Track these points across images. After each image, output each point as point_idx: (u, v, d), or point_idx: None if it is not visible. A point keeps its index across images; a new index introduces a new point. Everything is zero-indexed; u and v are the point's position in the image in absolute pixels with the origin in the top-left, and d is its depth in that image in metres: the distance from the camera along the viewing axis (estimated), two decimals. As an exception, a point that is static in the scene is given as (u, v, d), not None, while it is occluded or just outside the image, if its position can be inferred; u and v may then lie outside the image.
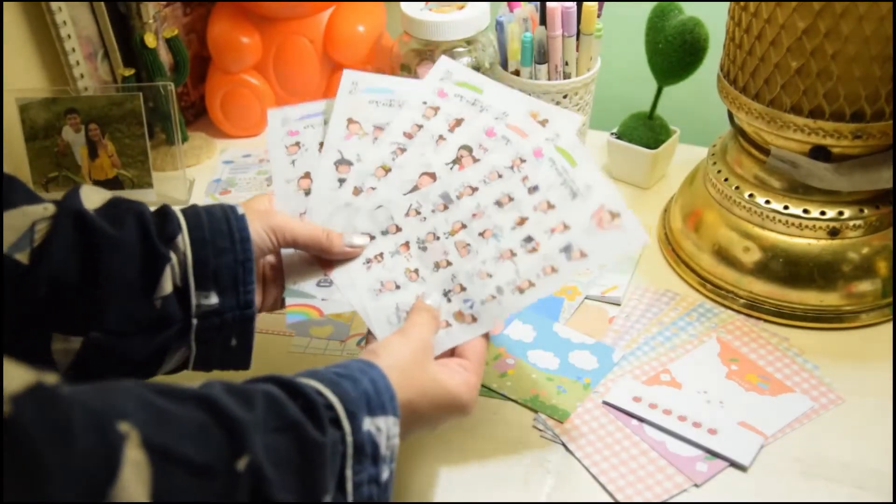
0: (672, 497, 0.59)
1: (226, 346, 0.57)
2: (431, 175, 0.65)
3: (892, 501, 0.59)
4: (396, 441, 0.49)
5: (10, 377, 0.31)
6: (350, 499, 0.46)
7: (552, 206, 0.61)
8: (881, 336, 0.72)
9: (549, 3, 0.81)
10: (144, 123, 0.90)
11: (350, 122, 0.67)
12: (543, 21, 0.83)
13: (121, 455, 0.34)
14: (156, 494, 0.35)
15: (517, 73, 0.87)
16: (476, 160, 0.64)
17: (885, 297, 0.73)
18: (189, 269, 0.54)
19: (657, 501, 0.59)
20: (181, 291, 0.54)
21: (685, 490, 0.60)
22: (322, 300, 0.61)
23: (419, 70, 0.92)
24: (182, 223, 0.55)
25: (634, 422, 0.65)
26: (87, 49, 0.95)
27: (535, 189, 0.62)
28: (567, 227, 0.60)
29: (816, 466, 0.61)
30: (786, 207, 0.73)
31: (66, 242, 0.51)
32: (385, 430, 0.48)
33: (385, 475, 0.48)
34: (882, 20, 0.62)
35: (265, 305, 0.63)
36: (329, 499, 0.44)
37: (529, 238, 0.60)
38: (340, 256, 0.62)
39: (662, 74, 0.86)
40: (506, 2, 0.87)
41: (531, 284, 0.59)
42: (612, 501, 0.59)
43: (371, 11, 1.03)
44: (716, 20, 0.81)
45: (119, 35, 0.96)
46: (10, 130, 0.89)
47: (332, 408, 0.46)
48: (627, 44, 0.95)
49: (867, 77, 0.65)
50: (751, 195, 0.75)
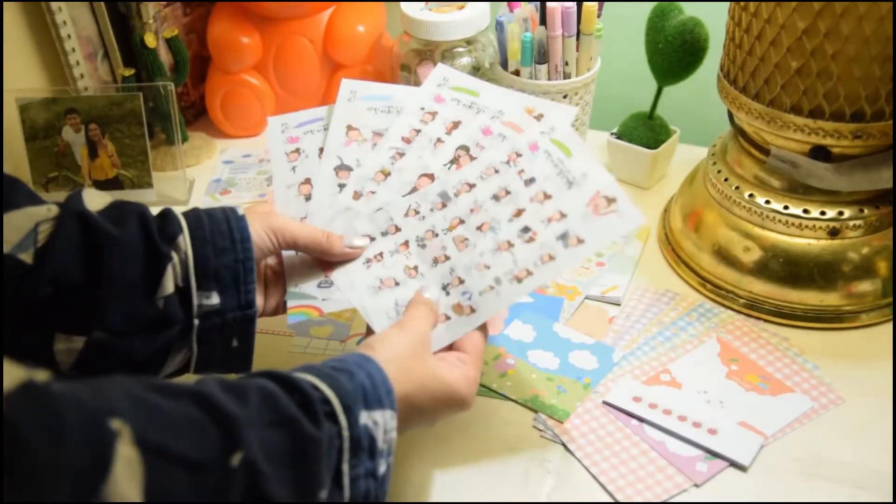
0: (672, 497, 0.59)
1: (227, 347, 0.57)
2: (430, 176, 0.65)
3: (893, 501, 0.58)
4: (394, 435, 0.49)
5: (3, 375, 0.31)
6: (347, 493, 0.46)
7: (548, 197, 0.61)
8: (881, 336, 0.72)
9: (549, 3, 0.81)
10: (144, 123, 0.90)
11: (349, 129, 0.68)
12: (543, 21, 0.83)
13: (113, 452, 0.34)
14: (149, 492, 0.35)
15: (517, 73, 0.87)
16: (473, 158, 0.65)
17: (885, 297, 0.73)
18: (190, 269, 0.54)
19: (657, 501, 0.59)
20: (183, 291, 0.54)
21: (685, 490, 0.60)
22: (322, 300, 0.62)
23: (419, 70, 0.92)
24: (183, 224, 0.55)
25: (634, 422, 0.65)
26: (87, 49, 0.95)
27: (532, 181, 0.62)
28: (564, 216, 0.60)
29: (816, 466, 0.61)
30: (786, 207, 0.73)
31: (70, 242, 0.51)
32: (382, 424, 0.48)
33: (382, 469, 0.48)
34: (882, 20, 0.62)
35: (267, 309, 0.63)
36: (325, 494, 0.44)
37: (526, 228, 0.60)
38: (341, 258, 0.62)
39: (662, 74, 0.86)
40: (506, 2, 0.87)
41: (529, 273, 0.58)
42: (612, 501, 0.59)
43: (371, 11, 1.03)
44: (716, 20, 0.81)
45: (119, 35, 0.96)
46: (10, 130, 0.89)
47: (328, 402, 0.45)
48: (627, 44, 0.95)
49: (867, 77, 0.65)
50: (751, 195, 0.74)
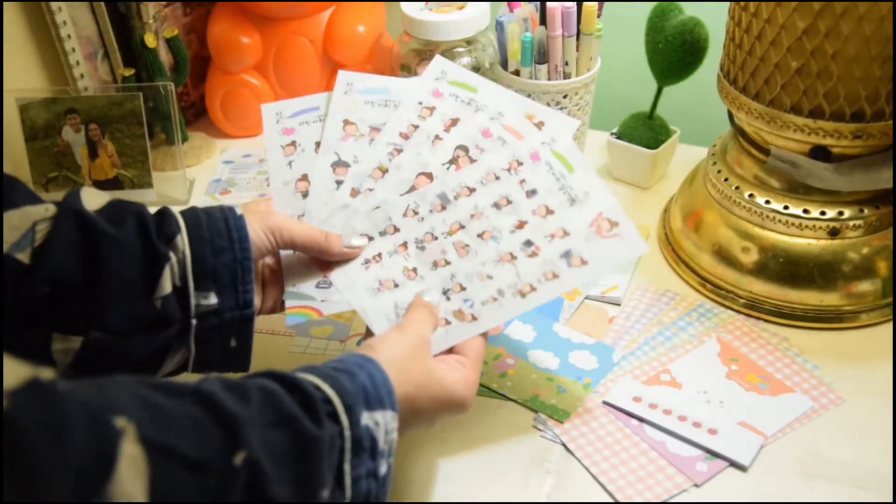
0: (672, 497, 0.59)
1: (225, 347, 0.57)
2: (428, 175, 0.65)
3: (893, 501, 0.58)
4: (395, 436, 0.49)
5: (7, 373, 0.31)
6: (348, 493, 0.46)
7: (551, 212, 0.62)
8: (881, 336, 0.72)
9: (549, 3, 0.81)
10: (144, 123, 0.90)
11: (346, 124, 0.67)
12: (543, 21, 0.83)
13: (117, 450, 0.34)
14: (153, 490, 0.35)
15: (517, 73, 0.87)
16: (473, 160, 0.65)
17: (885, 297, 0.73)
18: (188, 269, 0.54)
19: (657, 501, 0.59)
20: (180, 291, 0.54)
21: (685, 490, 0.60)
22: (321, 301, 0.61)
23: (419, 70, 0.92)
24: (181, 223, 0.55)
25: (634, 422, 0.65)
26: (87, 49, 0.95)
27: (534, 193, 0.63)
28: (567, 234, 0.61)
29: (816, 466, 0.61)
30: (786, 207, 0.73)
31: (67, 242, 0.51)
32: (383, 425, 0.48)
33: (383, 469, 0.48)
34: (882, 20, 0.62)
35: (264, 308, 0.63)
36: (327, 493, 0.44)
37: (529, 242, 0.61)
38: (339, 257, 0.62)
39: (662, 74, 0.86)
40: (506, 2, 0.87)
41: (533, 289, 0.59)
42: (612, 501, 0.59)
43: (371, 11, 1.03)
44: (716, 20, 0.81)
45: (119, 35, 0.96)
46: (10, 130, 0.89)
47: (330, 402, 0.45)
48: (627, 44, 0.95)
49: (867, 77, 0.65)
50: (751, 195, 0.74)
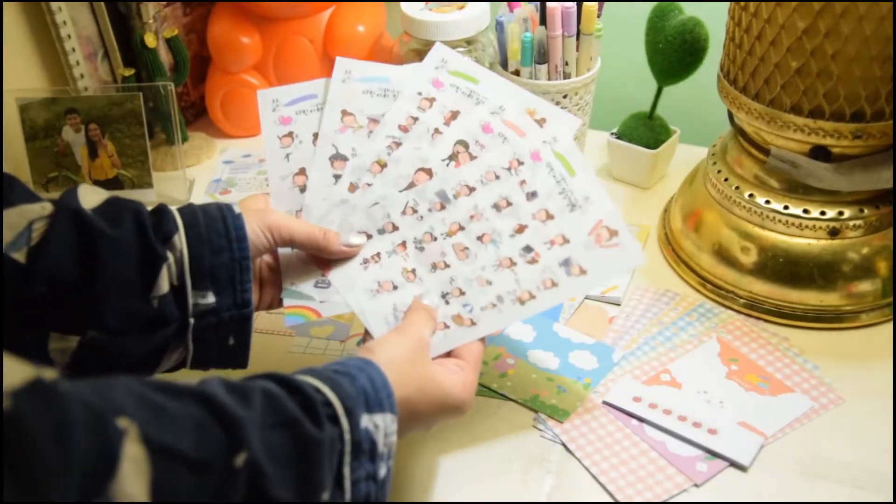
0: (672, 497, 0.59)
1: (223, 346, 0.57)
2: (427, 171, 0.64)
3: (893, 501, 0.58)
4: (394, 438, 0.49)
5: (9, 373, 0.31)
6: (348, 496, 0.46)
7: (551, 216, 0.62)
8: (881, 336, 0.72)
9: (549, 3, 0.81)
10: (144, 123, 0.90)
11: (344, 114, 0.66)
12: (543, 21, 0.83)
13: (120, 451, 0.34)
14: (154, 490, 0.35)
15: (517, 73, 0.87)
16: (473, 157, 0.64)
17: (885, 297, 0.73)
18: (186, 268, 0.54)
19: (657, 501, 0.59)
20: (178, 291, 0.54)
21: (685, 490, 0.60)
22: (320, 302, 0.61)
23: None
24: (179, 222, 0.55)
25: (634, 422, 0.65)
26: (87, 49, 0.95)
27: (534, 195, 0.62)
28: (566, 241, 0.61)
29: (816, 466, 0.61)
30: (786, 207, 0.73)
31: (64, 241, 0.51)
32: (383, 428, 0.48)
33: (382, 472, 0.48)
34: (882, 20, 0.62)
35: (262, 305, 0.63)
36: (327, 495, 0.44)
37: (529, 248, 0.61)
38: (338, 256, 0.62)
39: (662, 74, 0.86)
40: (506, 2, 0.87)
41: (532, 296, 0.59)
42: (612, 501, 0.59)
43: (371, 11, 1.03)
44: (716, 20, 0.81)
45: (119, 35, 0.96)
46: (10, 130, 0.89)
47: (330, 404, 0.45)
48: (627, 44, 0.95)
49: (867, 77, 0.65)
50: (751, 195, 0.74)
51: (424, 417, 0.53)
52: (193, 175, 0.98)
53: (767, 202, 0.73)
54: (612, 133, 0.92)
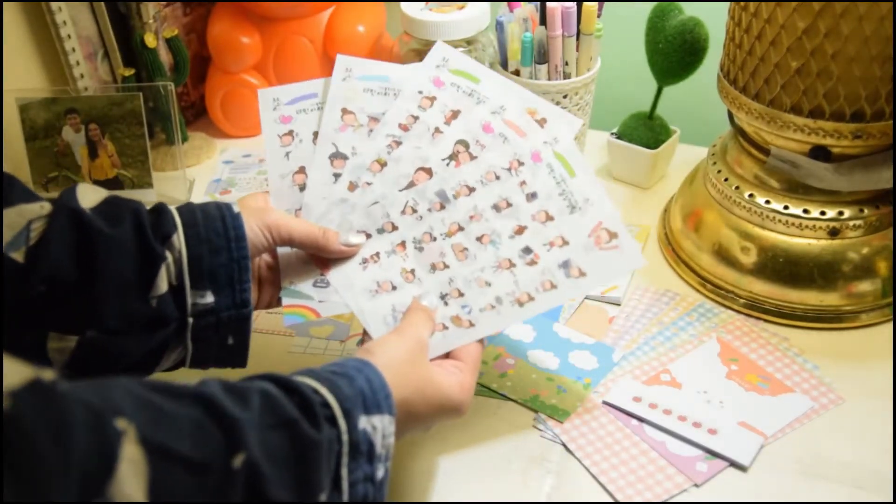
0: (672, 497, 0.59)
1: (222, 345, 0.57)
2: (427, 171, 0.64)
3: (893, 501, 0.58)
4: (392, 440, 0.49)
5: (8, 373, 0.31)
6: (345, 497, 0.46)
7: (550, 218, 0.61)
8: (881, 336, 0.72)
9: (549, 3, 0.81)
10: (144, 123, 0.90)
11: (345, 113, 0.66)
12: (543, 21, 0.83)
13: (118, 451, 0.34)
14: (152, 491, 0.35)
15: (517, 73, 0.87)
16: (473, 157, 0.64)
17: (885, 297, 0.73)
18: (184, 268, 0.54)
19: (657, 501, 0.59)
20: (177, 290, 0.54)
21: (685, 490, 0.60)
22: (319, 302, 0.61)
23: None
24: (177, 221, 0.55)
25: (634, 422, 0.65)
26: (87, 49, 0.95)
27: (534, 196, 0.62)
28: (566, 242, 0.61)
29: (816, 466, 0.61)
30: (786, 207, 0.73)
31: (63, 241, 0.51)
32: (381, 429, 0.48)
33: (380, 474, 0.48)
34: (882, 20, 0.62)
35: (261, 304, 0.63)
36: (325, 497, 0.44)
37: (528, 249, 0.61)
38: (337, 255, 0.62)
39: (662, 74, 0.86)
40: (506, 2, 0.87)
41: (531, 298, 0.59)
42: (612, 501, 0.59)
43: (371, 11, 1.03)
44: (716, 20, 0.81)
45: (119, 35, 0.96)
46: (10, 130, 0.89)
47: (328, 406, 0.45)
48: (627, 44, 0.95)
49: (867, 77, 0.65)
50: (751, 195, 0.74)
51: (423, 419, 0.53)
52: (193, 175, 0.98)
53: (767, 202, 0.73)
54: (612, 133, 0.92)
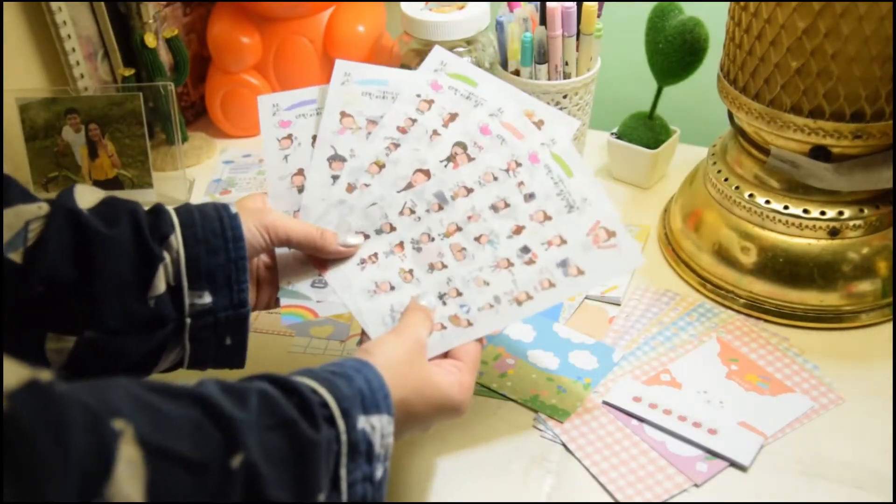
0: (672, 497, 0.59)
1: (220, 345, 0.57)
2: (425, 172, 0.64)
3: (893, 501, 0.58)
4: (391, 440, 0.49)
5: (6, 374, 0.31)
6: (344, 497, 0.46)
7: (548, 217, 0.62)
8: (881, 336, 0.72)
9: (549, 3, 0.81)
10: (144, 123, 0.90)
11: (343, 116, 0.67)
12: (543, 21, 0.83)
13: (115, 452, 0.34)
14: (150, 492, 0.35)
15: (517, 73, 0.87)
16: (471, 158, 0.64)
17: (885, 297, 0.73)
18: (182, 269, 0.54)
19: (657, 501, 0.59)
20: (174, 291, 0.54)
21: (685, 490, 0.60)
22: (317, 302, 0.61)
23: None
24: (175, 222, 0.55)
25: (634, 422, 0.65)
26: (87, 49, 0.95)
27: (532, 197, 0.62)
28: (564, 241, 0.61)
29: (816, 466, 0.61)
30: (786, 207, 0.73)
31: (60, 241, 0.51)
32: (379, 429, 0.48)
33: (379, 474, 0.48)
34: (882, 20, 0.62)
35: (259, 305, 0.63)
36: (323, 497, 0.44)
37: (526, 248, 0.61)
38: (335, 256, 0.62)
39: (662, 74, 0.86)
40: (506, 2, 0.87)
41: (529, 297, 0.59)
42: (612, 501, 0.59)
43: (371, 11, 1.03)
44: (716, 20, 0.81)
45: (119, 35, 0.96)
46: (10, 130, 0.89)
47: (327, 406, 0.45)
48: (627, 44, 0.95)
49: (867, 77, 0.65)
50: (751, 195, 0.74)
51: (421, 419, 0.53)
52: (193, 175, 0.98)
53: (767, 202, 0.73)
54: (612, 133, 0.92)
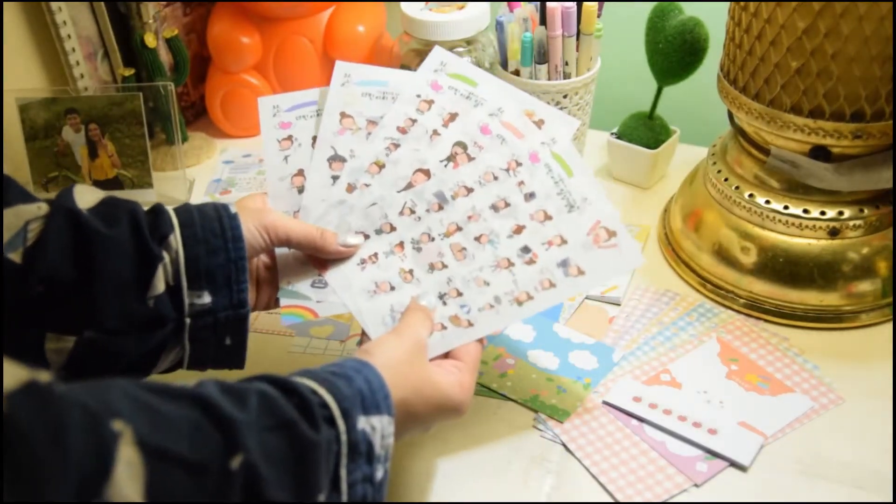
0: (672, 497, 0.59)
1: (220, 345, 0.57)
2: (425, 172, 0.64)
3: (893, 501, 0.58)
4: (391, 440, 0.49)
5: (5, 375, 0.31)
6: (344, 498, 0.46)
7: (549, 217, 0.61)
8: (881, 336, 0.72)
9: (549, 3, 0.81)
10: (144, 123, 0.90)
11: (343, 117, 0.67)
12: (543, 21, 0.83)
13: (114, 453, 0.34)
14: (149, 493, 0.35)
15: (517, 73, 0.87)
16: (471, 158, 0.64)
17: (885, 297, 0.73)
18: (181, 269, 0.54)
19: (657, 501, 0.59)
20: (174, 291, 0.54)
21: (685, 490, 0.60)
22: (317, 302, 0.61)
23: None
24: (174, 222, 0.55)
25: (634, 422, 0.65)
26: (87, 49, 0.95)
27: (532, 196, 0.62)
28: (564, 241, 0.61)
29: (816, 466, 0.61)
30: (786, 207, 0.73)
31: (60, 241, 0.51)
32: (380, 429, 0.48)
33: (379, 474, 0.48)
34: (882, 20, 0.62)
35: (259, 305, 0.63)
36: (323, 497, 0.44)
37: (526, 248, 0.61)
38: (334, 256, 0.62)
39: (662, 74, 0.86)
40: (506, 2, 0.87)
41: (529, 297, 0.59)
42: (612, 501, 0.59)
43: (371, 11, 1.03)
44: (716, 20, 0.81)
45: (119, 35, 0.96)
46: (10, 130, 0.89)
47: (327, 406, 0.45)
48: (627, 44, 0.95)
49: (867, 77, 0.65)
50: (751, 195, 0.74)
51: (422, 419, 0.53)
52: (193, 175, 0.98)
53: (767, 202, 0.73)
54: (612, 133, 0.92)
